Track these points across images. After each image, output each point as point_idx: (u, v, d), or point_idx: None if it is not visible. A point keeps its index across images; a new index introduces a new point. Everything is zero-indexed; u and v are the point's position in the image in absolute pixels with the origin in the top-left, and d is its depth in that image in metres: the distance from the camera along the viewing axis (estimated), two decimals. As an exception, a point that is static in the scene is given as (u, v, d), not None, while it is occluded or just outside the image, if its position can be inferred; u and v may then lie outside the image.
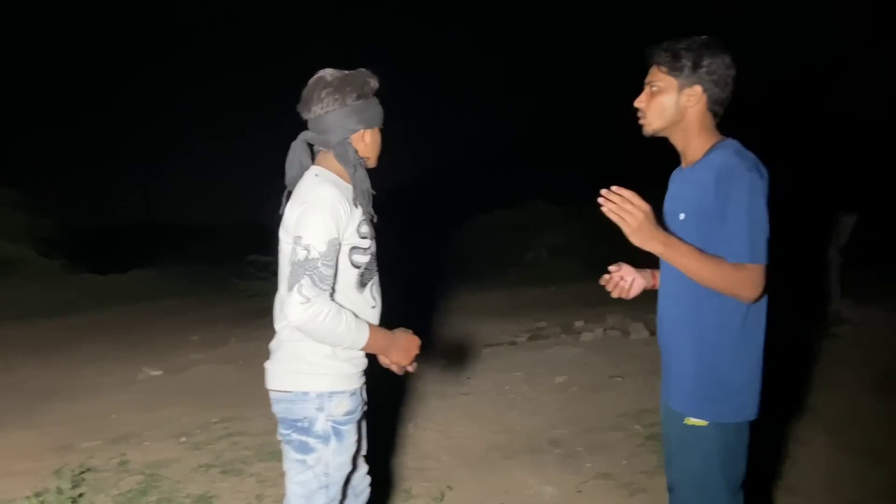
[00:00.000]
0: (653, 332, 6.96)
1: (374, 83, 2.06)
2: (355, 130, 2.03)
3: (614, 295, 2.30)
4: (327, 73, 2.04)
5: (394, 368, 2.16)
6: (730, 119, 2.07)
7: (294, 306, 1.87)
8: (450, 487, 3.62)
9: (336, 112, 2.00)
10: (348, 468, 2.15)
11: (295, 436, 2.07)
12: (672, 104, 2.00)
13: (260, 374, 6.12)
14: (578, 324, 7.47)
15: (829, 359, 5.45)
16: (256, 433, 4.49)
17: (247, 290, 10.97)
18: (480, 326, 7.66)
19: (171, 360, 6.68)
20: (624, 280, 2.29)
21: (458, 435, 4.33)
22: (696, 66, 1.96)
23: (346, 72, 2.04)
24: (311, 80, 2.05)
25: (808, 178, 9.91)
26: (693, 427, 2.03)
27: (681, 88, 1.99)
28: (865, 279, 8.11)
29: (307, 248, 1.89)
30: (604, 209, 1.83)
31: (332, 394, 2.06)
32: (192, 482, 3.80)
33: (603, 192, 1.82)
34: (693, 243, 1.91)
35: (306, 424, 2.05)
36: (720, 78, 1.97)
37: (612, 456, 3.89)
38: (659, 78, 2.01)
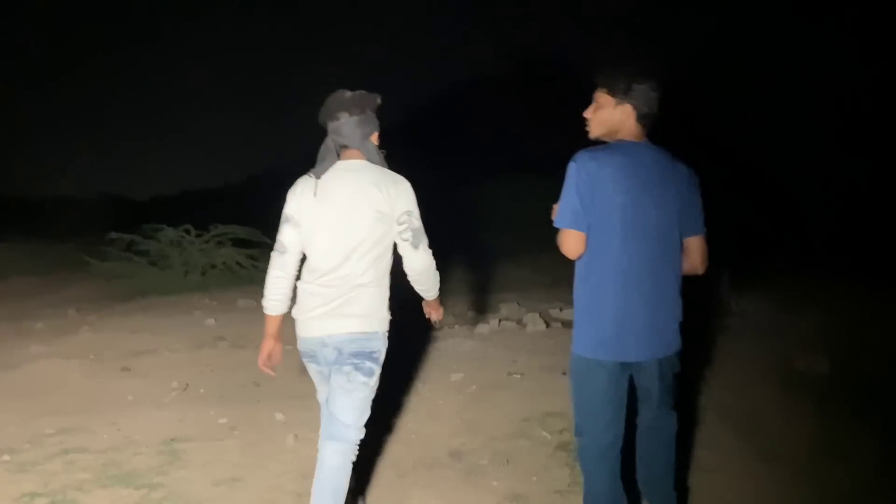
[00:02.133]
0: (549, 324, 6.71)
1: (378, 101, 2.67)
2: (372, 133, 2.66)
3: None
4: (345, 92, 2.64)
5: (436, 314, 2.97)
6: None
7: (423, 258, 2.64)
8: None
9: (357, 119, 2.60)
10: None
11: (368, 364, 2.62)
12: (609, 117, 2.58)
13: (113, 372, 5.28)
14: (471, 314, 7.06)
15: (723, 351, 5.28)
16: (99, 449, 3.74)
17: (105, 271, 9.90)
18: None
19: (4, 353, 5.71)
20: None
21: (344, 447, 3.77)
22: (627, 90, 2.53)
23: (358, 92, 2.64)
24: (333, 97, 2.64)
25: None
26: None
27: (616, 105, 2.56)
28: (752, 269, 8.17)
29: (418, 219, 2.62)
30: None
31: (386, 332, 2.70)
32: (10, 517, 3.05)
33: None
34: None
35: (377, 355, 2.65)
36: (645, 99, 2.54)
37: (520, 471, 3.46)
38: (600, 96, 2.60)
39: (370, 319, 2.61)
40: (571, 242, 2.49)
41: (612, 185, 2.45)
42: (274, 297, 2.70)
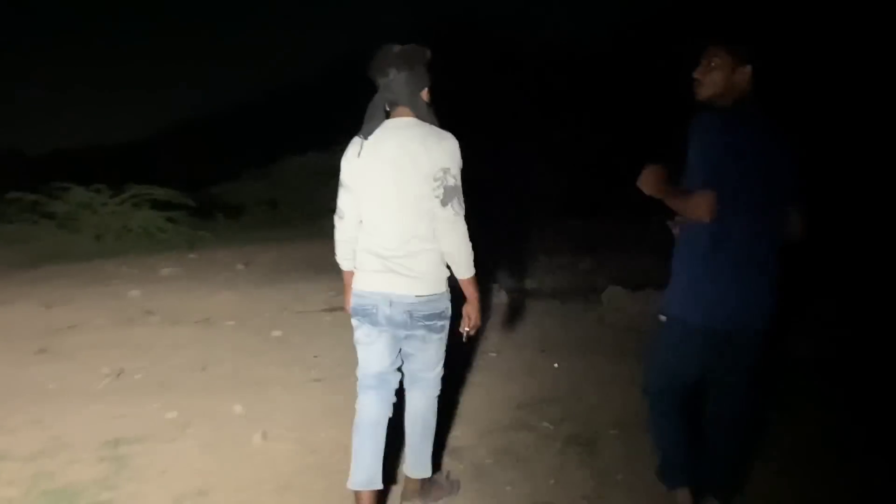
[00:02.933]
0: (510, 295, 6.34)
1: (429, 54, 2.54)
2: (422, 89, 2.53)
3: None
4: (394, 46, 2.53)
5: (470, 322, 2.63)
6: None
7: (448, 215, 2.46)
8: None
9: (407, 75, 2.48)
10: None
11: (439, 322, 2.59)
12: (725, 79, 2.45)
13: (27, 355, 4.56)
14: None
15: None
16: (25, 455, 3.10)
17: (6, 235, 8.89)
18: (306, 285, 6.54)
19: None
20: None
21: (324, 445, 3.25)
22: (751, 51, 2.44)
23: (408, 46, 2.53)
24: (382, 52, 2.52)
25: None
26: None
27: (735, 66, 2.44)
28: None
29: (455, 178, 2.47)
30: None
31: (448, 288, 2.61)
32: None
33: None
34: None
35: (447, 312, 2.60)
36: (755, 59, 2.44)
37: (532, 471, 3.03)
38: (718, 55, 2.46)
39: (436, 281, 2.55)
40: (710, 203, 2.34)
41: (749, 148, 2.38)
42: (343, 257, 2.71)
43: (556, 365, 4.37)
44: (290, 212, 12.48)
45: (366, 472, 2.60)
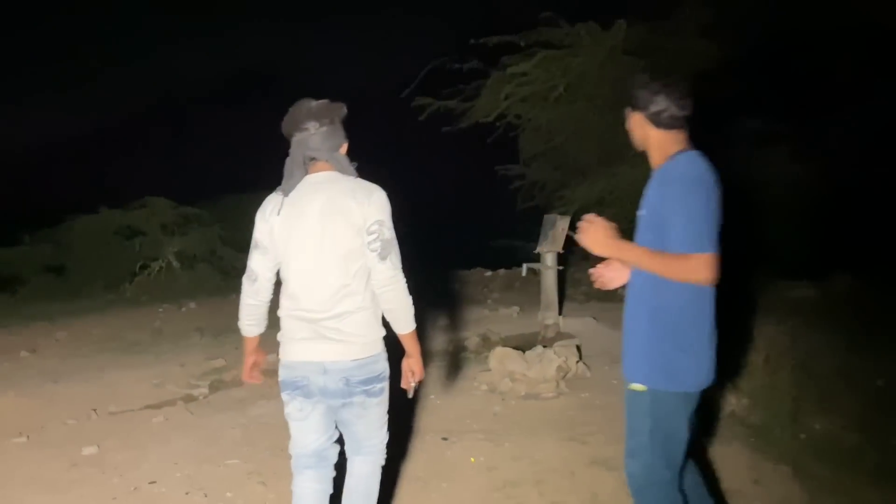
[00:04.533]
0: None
1: (344, 111, 2.53)
2: (341, 145, 2.52)
3: (597, 286, 2.57)
4: (310, 101, 2.48)
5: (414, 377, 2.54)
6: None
7: (388, 270, 2.39)
8: None
9: (326, 130, 2.46)
10: None
11: (378, 385, 2.49)
12: (632, 130, 2.48)
13: None
14: (271, 357, 5.49)
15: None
16: None
17: None
18: (119, 373, 5.23)
19: None
20: (607, 275, 2.54)
21: None
22: (635, 100, 2.41)
23: (324, 101, 2.49)
24: (298, 108, 2.47)
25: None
26: (635, 392, 2.35)
27: (631, 117, 2.46)
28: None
29: (390, 230, 2.43)
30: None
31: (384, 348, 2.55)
32: None
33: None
34: (649, 235, 2.30)
35: (385, 374, 2.51)
36: (648, 103, 2.37)
37: None
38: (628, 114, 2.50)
39: (371, 342, 2.44)
40: (712, 265, 2.17)
41: (718, 198, 2.28)
42: (249, 322, 2.55)
43: (472, 460, 3.52)
44: (83, 279, 10.76)
45: None
